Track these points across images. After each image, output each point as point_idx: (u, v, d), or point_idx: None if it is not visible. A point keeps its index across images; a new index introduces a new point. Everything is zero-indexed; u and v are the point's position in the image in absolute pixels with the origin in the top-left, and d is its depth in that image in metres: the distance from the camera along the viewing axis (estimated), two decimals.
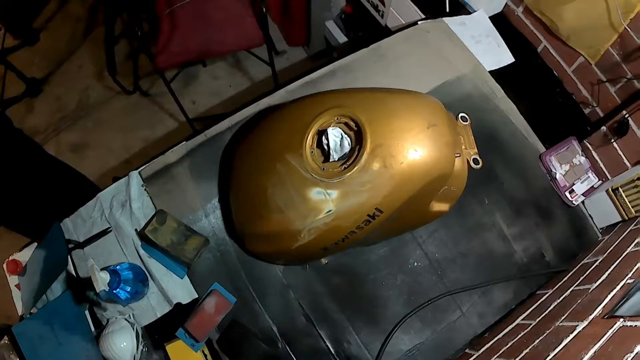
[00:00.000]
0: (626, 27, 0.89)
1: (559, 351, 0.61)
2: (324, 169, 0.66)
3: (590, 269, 0.82)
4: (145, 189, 0.94)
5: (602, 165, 1.01)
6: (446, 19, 1.16)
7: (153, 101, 2.23)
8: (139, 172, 0.96)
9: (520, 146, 1.01)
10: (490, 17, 1.18)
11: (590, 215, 0.98)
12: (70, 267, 0.89)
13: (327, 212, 0.64)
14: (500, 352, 0.73)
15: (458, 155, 0.69)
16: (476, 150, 0.89)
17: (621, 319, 0.57)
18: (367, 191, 0.62)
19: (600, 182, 1.00)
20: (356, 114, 0.66)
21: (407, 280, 0.87)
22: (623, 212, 0.90)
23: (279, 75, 1.84)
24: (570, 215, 0.97)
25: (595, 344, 0.56)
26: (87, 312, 0.85)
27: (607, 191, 0.93)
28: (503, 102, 1.05)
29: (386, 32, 1.16)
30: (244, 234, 0.81)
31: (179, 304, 0.85)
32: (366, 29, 1.63)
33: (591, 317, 0.64)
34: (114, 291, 0.76)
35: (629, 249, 0.78)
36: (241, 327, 0.83)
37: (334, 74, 1.06)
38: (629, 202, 0.88)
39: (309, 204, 0.65)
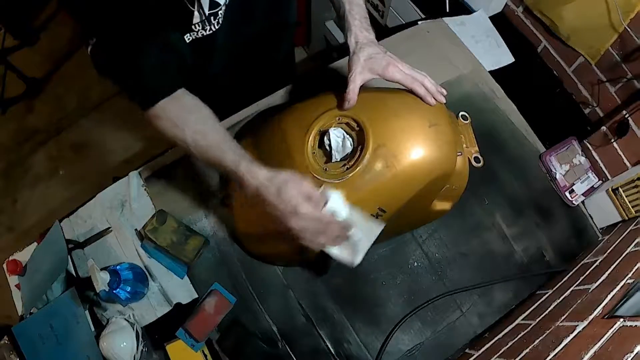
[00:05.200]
0: (626, 27, 0.89)
1: (559, 351, 0.61)
2: (326, 169, 0.66)
3: (590, 269, 0.82)
4: (145, 189, 0.94)
5: (602, 165, 1.01)
6: (446, 19, 1.16)
7: None
8: (139, 172, 0.96)
9: (520, 146, 1.01)
10: (490, 17, 1.18)
11: (590, 215, 0.98)
12: (70, 267, 0.89)
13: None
14: (500, 352, 0.73)
15: (459, 154, 0.69)
16: (477, 148, 0.89)
17: (621, 319, 0.57)
18: (369, 191, 0.62)
19: (600, 182, 1.00)
20: (357, 114, 0.66)
21: (407, 280, 0.87)
22: (623, 212, 0.90)
23: None
24: (570, 215, 0.97)
25: (595, 344, 0.56)
26: (87, 312, 0.85)
27: (607, 191, 0.93)
28: (503, 102, 1.05)
29: (386, 32, 1.16)
30: (246, 235, 0.81)
31: (179, 304, 0.85)
32: None
33: (591, 317, 0.64)
34: (114, 291, 0.76)
35: (629, 249, 0.78)
36: (241, 327, 0.83)
37: (334, 74, 1.06)
38: (629, 202, 0.88)
39: None
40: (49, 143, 2.22)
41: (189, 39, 0.67)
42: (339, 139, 0.66)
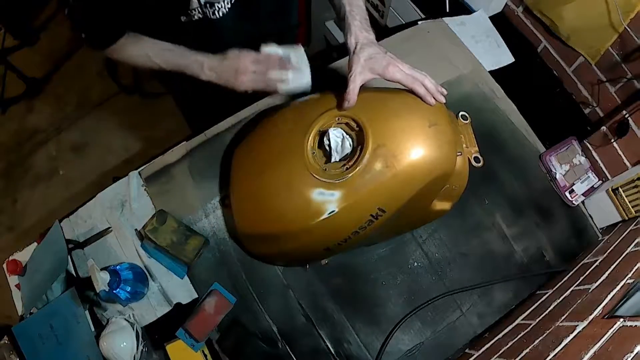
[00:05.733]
0: (626, 27, 0.89)
1: (559, 351, 0.61)
2: (325, 169, 0.66)
3: (590, 269, 0.82)
4: (145, 189, 0.94)
5: (602, 165, 1.01)
6: (446, 19, 1.16)
7: (153, 101, 2.23)
8: (139, 172, 0.96)
9: (520, 146, 1.01)
10: (490, 17, 1.18)
11: (590, 215, 0.98)
12: (70, 267, 0.89)
13: (330, 212, 0.63)
14: (500, 352, 0.73)
15: (459, 153, 0.69)
16: (477, 148, 0.89)
17: (621, 319, 0.57)
18: (369, 191, 0.62)
19: (600, 182, 1.00)
20: (357, 114, 0.66)
21: (407, 280, 0.87)
22: (623, 212, 0.90)
23: None
24: (570, 215, 0.97)
25: (595, 344, 0.56)
26: (87, 312, 0.85)
27: (607, 191, 0.93)
28: (503, 102, 1.05)
29: (386, 32, 1.16)
30: (246, 235, 0.81)
31: (179, 304, 0.85)
32: None
33: (591, 317, 0.64)
34: (114, 291, 0.76)
35: (629, 249, 0.78)
36: (241, 327, 0.83)
37: (334, 74, 1.06)
38: (629, 202, 0.88)
39: (311, 205, 0.65)
40: (49, 143, 2.22)
41: (184, 19, 0.77)
42: (338, 139, 0.66)
